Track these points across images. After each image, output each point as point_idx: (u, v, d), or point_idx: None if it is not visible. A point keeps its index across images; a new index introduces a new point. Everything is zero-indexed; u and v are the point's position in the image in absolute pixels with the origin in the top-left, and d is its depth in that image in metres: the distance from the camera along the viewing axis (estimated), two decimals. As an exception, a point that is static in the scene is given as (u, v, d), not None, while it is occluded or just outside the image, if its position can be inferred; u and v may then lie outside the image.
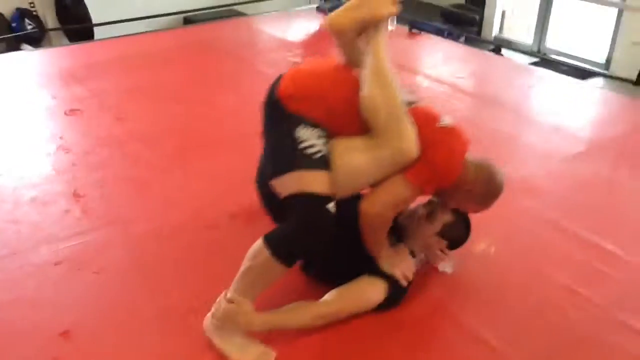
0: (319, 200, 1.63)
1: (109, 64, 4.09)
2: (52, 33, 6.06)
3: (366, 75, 1.69)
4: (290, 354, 1.74)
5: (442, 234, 1.97)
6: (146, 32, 5.09)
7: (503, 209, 2.42)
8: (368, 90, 1.67)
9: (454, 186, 1.79)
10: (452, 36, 4.76)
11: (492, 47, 4.86)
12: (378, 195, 1.73)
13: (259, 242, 1.67)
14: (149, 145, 2.88)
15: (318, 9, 5.46)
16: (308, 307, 1.80)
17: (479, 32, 6.82)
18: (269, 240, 1.65)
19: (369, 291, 1.85)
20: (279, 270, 1.66)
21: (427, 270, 2.07)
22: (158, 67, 4.02)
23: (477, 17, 6.80)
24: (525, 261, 2.17)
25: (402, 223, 1.98)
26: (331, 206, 1.64)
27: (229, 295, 1.72)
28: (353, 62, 1.78)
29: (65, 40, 6.03)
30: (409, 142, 1.66)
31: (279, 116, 1.74)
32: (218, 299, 1.74)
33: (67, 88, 3.64)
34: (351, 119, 1.71)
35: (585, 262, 2.17)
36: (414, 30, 4.81)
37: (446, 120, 1.78)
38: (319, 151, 1.67)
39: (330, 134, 1.73)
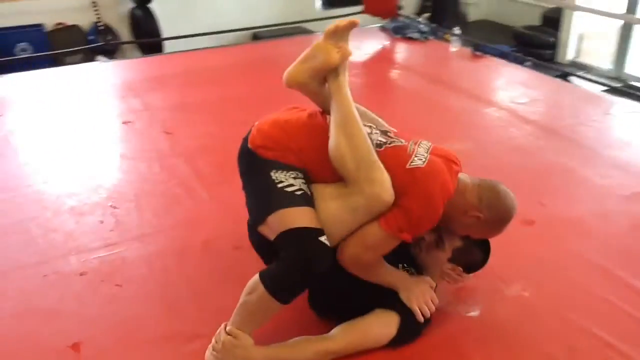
0: (310, 233, 1.56)
1: (173, 77, 4.19)
2: (125, 45, 6.32)
3: (331, 124, 1.66)
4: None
5: (455, 259, 1.85)
6: (213, 47, 5.21)
7: (546, 249, 2.29)
8: (333, 140, 1.63)
9: (456, 215, 1.69)
10: (517, 60, 4.57)
11: (559, 73, 4.61)
12: (351, 242, 1.64)
13: (255, 278, 1.62)
14: (189, 161, 2.91)
15: (382, 28, 5.41)
16: (312, 343, 1.72)
17: (553, 56, 6.55)
18: (264, 276, 1.60)
19: (377, 326, 1.76)
20: (275, 307, 1.61)
21: (449, 308, 1.95)
22: (219, 82, 4.08)
23: (552, 40, 6.53)
24: (562, 310, 1.99)
25: (413, 252, 1.88)
26: (324, 238, 1.57)
27: (228, 327, 1.68)
28: (327, 110, 1.74)
29: (138, 53, 6.27)
30: (382, 188, 1.58)
31: (254, 163, 1.72)
32: (219, 330, 1.70)
33: (128, 99, 3.76)
34: (323, 167, 1.66)
35: (635, 319, 1.95)
36: (477, 53, 4.66)
37: (416, 161, 1.67)
38: (299, 189, 1.63)
39: (307, 177, 1.69)
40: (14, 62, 5.49)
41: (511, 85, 4.15)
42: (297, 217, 1.58)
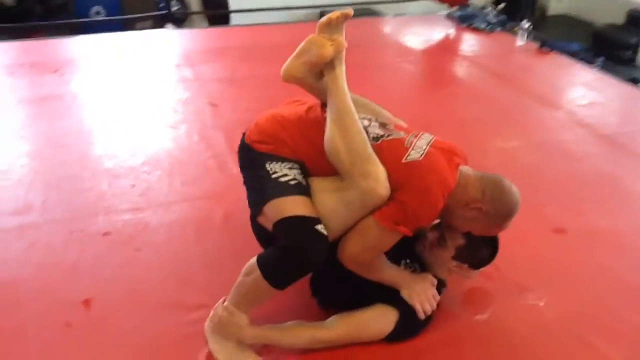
0: (306, 221, 1.56)
1: (230, 50, 4.25)
2: (195, 15, 6.44)
3: (327, 117, 1.64)
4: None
5: (460, 257, 1.80)
6: (276, 23, 5.23)
7: (573, 261, 2.19)
8: (328, 133, 1.61)
9: (457, 208, 1.65)
10: (585, 59, 4.35)
11: (630, 77, 4.34)
12: (349, 239, 1.62)
13: (253, 260, 1.63)
14: (227, 134, 2.94)
15: (448, 15, 5.26)
16: (306, 329, 1.73)
17: (633, 58, 6.18)
18: (261, 260, 1.61)
19: (375, 321, 1.74)
20: (269, 291, 1.62)
21: (456, 309, 1.91)
22: (273, 59, 4.02)
23: (635, 41, 6.15)
24: (578, 327, 1.90)
25: (418, 250, 1.85)
26: (320, 227, 1.56)
27: (225, 303, 1.71)
28: (327, 103, 1.72)
29: (205, 23, 6.38)
30: (376, 182, 1.55)
31: (251, 157, 1.73)
32: (217, 304, 1.74)
33: (182, 68, 3.85)
34: (320, 160, 1.65)
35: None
36: (544, 48, 4.46)
37: (413, 154, 1.62)
38: (293, 179, 1.62)
39: (305, 169, 1.68)
40: (88, 24, 5.74)
41: (573, 86, 3.97)
42: (292, 206, 1.58)
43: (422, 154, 1.63)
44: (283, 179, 1.62)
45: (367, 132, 1.65)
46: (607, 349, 1.81)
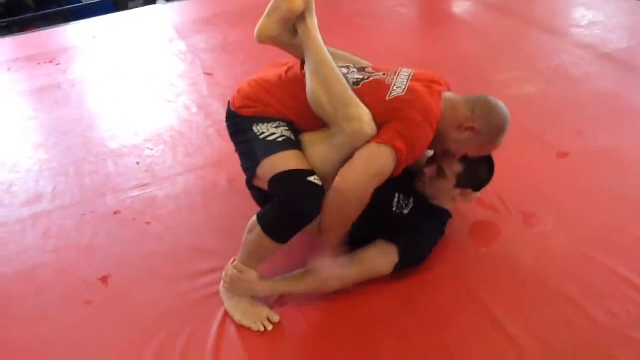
0: (298, 174, 1.59)
1: (219, 16, 4.21)
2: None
3: (306, 70, 1.66)
4: (295, 320, 1.75)
5: (462, 182, 1.83)
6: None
7: (577, 183, 2.20)
8: (308, 85, 1.63)
9: (450, 132, 1.68)
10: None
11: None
12: (352, 166, 1.61)
13: (254, 217, 1.67)
14: (225, 101, 2.92)
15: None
16: (317, 275, 1.78)
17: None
18: (260, 216, 1.66)
19: (377, 255, 1.78)
20: (272, 246, 1.66)
21: (462, 241, 1.94)
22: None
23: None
24: (584, 247, 1.91)
25: (418, 188, 1.87)
26: (314, 178, 1.58)
27: (234, 262, 1.76)
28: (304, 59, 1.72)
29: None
30: (360, 122, 1.57)
31: (238, 122, 1.76)
32: (227, 265, 1.79)
33: (175, 41, 3.84)
34: (307, 116, 1.67)
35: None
36: (539, -28, 4.34)
37: (395, 90, 1.64)
38: (281, 136, 1.65)
39: (293, 126, 1.70)
40: (80, 10, 5.73)
41: (571, 7, 3.87)
42: (282, 162, 1.61)
43: (404, 89, 1.65)
44: (270, 137, 1.65)
45: (346, 78, 1.67)
46: (614, 264, 1.83)
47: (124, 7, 5.70)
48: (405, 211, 1.85)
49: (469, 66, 3.16)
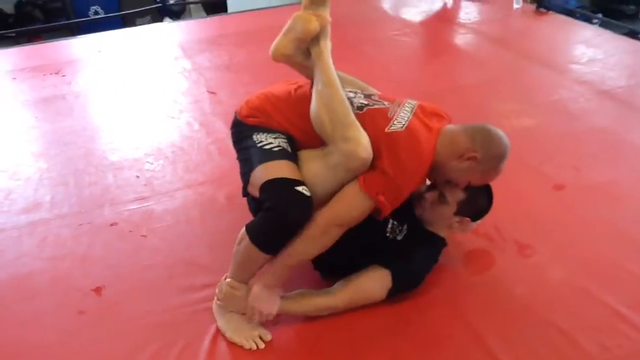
0: (287, 182, 1.61)
1: (225, 37, 4.26)
2: (193, 6, 6.48)
3: (313, 90, 1.69)
4: (287, 339, 1.75)
5: (462, 211, 1.84)
6: (273, 7, 5.23)
7: (573, 215, 2.22)
8: (313, 104, 1.67)
9: (452, 163, 1.71)
10: (584, 17, 4.30)
11: (626, 30, 4.29)
12: (333, 203, 1.65)
13: (244, 228, 1.69)
14: (227, 120, 2.92)
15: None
16: (311, 297, 1.79)
17: (637, 12, 6.10)
18: (249, 227, 1.68)
19: (371, 281, 1.79)
20: (261, 257, 1.68)
21: (456, 268, 1.95)
22: (268, 42, 4.12)
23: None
24: (577, 279, 1.91)
25: (417, 213, 1.89)
26: (302, 188, 1.61)
27: (227, 279, 1.77)
28: None
29: (203, 13, 6.42)
30: (357, 145, 1.59)
31: (242, 131, 1.81)
32: (220, 281, 1.79)
33: (181, 59, 3.89)
34: (310, 135, 1.71)
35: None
36: (541, 9, 4.43)
37: (396, 124, 1.67)
38: (277, 146, 1.69)
39: (293, 141, 1.74)
40: (88, 24, 5.80)
41: (572, 44, 3.94)
42: (274, 170, 1.64)
43: (404, 125, 1.68)
44: (267, 146, 1.69)
45: (351, 102, 1.70)
46: (608, 298, 1.83)
47: (132, 23, 5.78)
48: (399, 237, 1.86)
49: (469, 97, 3.20)
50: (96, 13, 6.00)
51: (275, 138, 1.71)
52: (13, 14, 6.02)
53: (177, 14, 6.36)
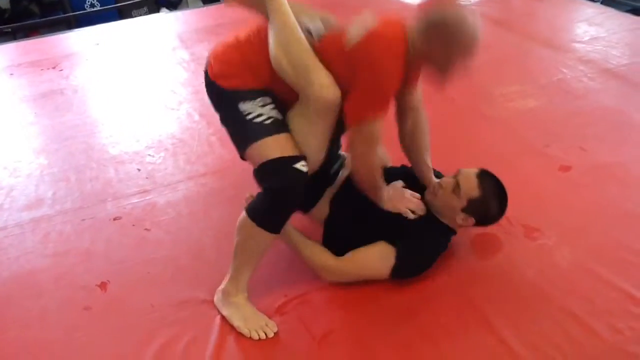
0: (283, 162, 1.60)
1: (223, 26, 4.18)
2: (189, -4, 6.41)
3: (269, 34, 1.63)
4: (295, 331, 1.73)
5: (470, 210, 1.81)
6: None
7: (580, 197, 2.19)
8: (271, 50, 1.61)
9: (432, 50, 1.58)
10: (585, -5, 4.24)
11: (629, 7, 4.23)
12: (352, 150, 1.68)
13: (242, 215, 1.68)
14: None
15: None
16: (321, 254, 1.83)
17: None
18: (250, 210, 1.67)
19: (375, 255, 1.80)
20: (266, 239, 1.68)
21: (464, 253, 1.93)
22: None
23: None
24: (587, 262, 1.89)
25: (427, 199, 1.87)
26: (300, 165, 1.60)
27: (222, 286, 1.79)
28: None
29: (200, 3, 6.35)
30: (321, 87, 1.57)
31: (221, 97, 1.74)
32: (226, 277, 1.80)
33: (179, 50, 3.85)
34: (282, 82, 1.64)
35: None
36: (542, -11, 4.36)
37: (353, 38, 1.59)
38: (268, 117, 1.65)
39: (277, 98, 1.68)
40: (84, 17, 5.75)
41: (574, 23, 3.88)
42: (269, 148, 1.62)
43: (361, 33, 1.59)
44: (258, 120, 1.64)
45: (310, 34, 1.64)
46: (618, 280, 1.81)
47: (128, 15, 5.73)
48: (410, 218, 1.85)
49: (472, 79, 3.14)
50: (92, 6, 5.92)
51: (262, 106, 1.65)
52: (9, 9, 5.96)
53: (173, 4, 6.30)
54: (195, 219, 2.24)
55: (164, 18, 4.90)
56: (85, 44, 4.15)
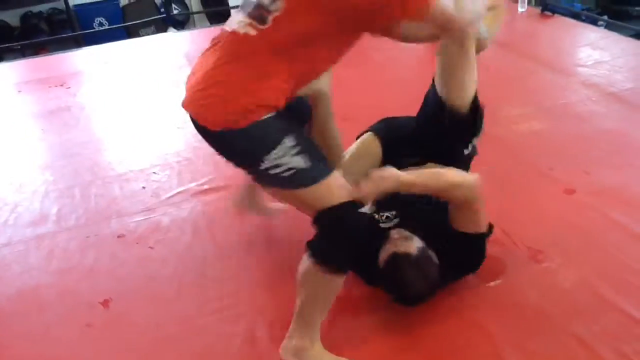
0: (342, 210, 1.47)
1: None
2: (196, 16, 6.49)
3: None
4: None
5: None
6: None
7: (584, 219, 2.19)
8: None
9: None
10: (589, 19, 4.28)
11: (633, 32, 4.26)
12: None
13: (305, 266, 1.53)
14: None
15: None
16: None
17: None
18: (317, 258, 1.50)
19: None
20: (337, 282, 1.54)
21: (469, 276, 1.93)
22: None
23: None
24: (593, 284, 1.88)
25: None
26: (360, 210, 1.49)
27: (292, 343, 1.63)
28: None
29: (207, 23, 6.43)
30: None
31: (226, 148, 1.57)
32: (283, 344, 1.66)
33: (185, 69, 3.87)
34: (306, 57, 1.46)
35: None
36: (546, 12, 4.41)
37: None
38: (306, 159, 1.45)
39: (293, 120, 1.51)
40: (92, 35, 5.82)
41: (578, 47, 3.91)
42: (319, 196, 1.47)
43: None
44: (295, 165, 1.43)
45: None
46: (623, 303, 1.80)
47: (136, 34, 5.80)
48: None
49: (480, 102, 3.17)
50: (101, 24, 6.02)
51: (293, 147, 1.42)
52: (18, 27, 6.05)
53: (181, 23, 6.38)
54: (199, 238, 2.25)
55: (171, 37, 4.97)
56: (93, 62, 4.19)
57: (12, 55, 5.36)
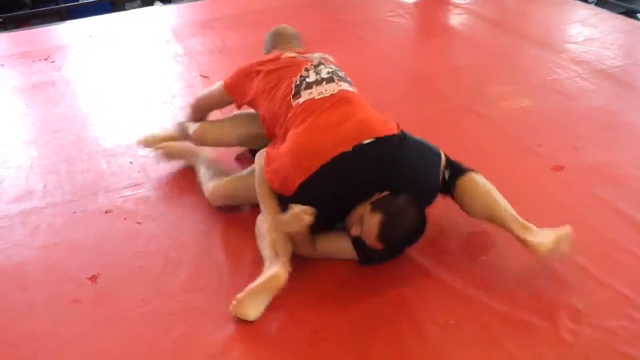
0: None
1: (218, 21, 4.19)
2: (183, -10, 6.36)
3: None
4: (287, 325, 1.73)
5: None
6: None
7: (572, 196, 2.20)
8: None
9: None
10: (580, -4, 4.25)
11: (624, 9, 4.24)
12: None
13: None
14: None
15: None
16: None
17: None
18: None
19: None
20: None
21: (458, 251, 1.94)
22: (262, 24, 4.01)
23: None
24: (578, 259, 1.89)
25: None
26: None
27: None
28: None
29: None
30: None
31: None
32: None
33: (173, 44, 3.82)
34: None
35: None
36: (535, -11, 4.38)
37: None
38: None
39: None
40: (77, 9, 5.70)
41: (568, 24, 3.89)
42: None
43: None
44: None
45: None
46: (609, 279, 1.82)
47: (122, 7, 5.69)
48: None
49: (465, 79, 3.16)
50: (85, -3, 5.89)
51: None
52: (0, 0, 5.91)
53: (167, -3, 6.26)
54: (187, 213, 2.23)
55: (158, 11, 4.88)
56: (78, 36, 4.11)
57: (-5, 29, 5.24)
